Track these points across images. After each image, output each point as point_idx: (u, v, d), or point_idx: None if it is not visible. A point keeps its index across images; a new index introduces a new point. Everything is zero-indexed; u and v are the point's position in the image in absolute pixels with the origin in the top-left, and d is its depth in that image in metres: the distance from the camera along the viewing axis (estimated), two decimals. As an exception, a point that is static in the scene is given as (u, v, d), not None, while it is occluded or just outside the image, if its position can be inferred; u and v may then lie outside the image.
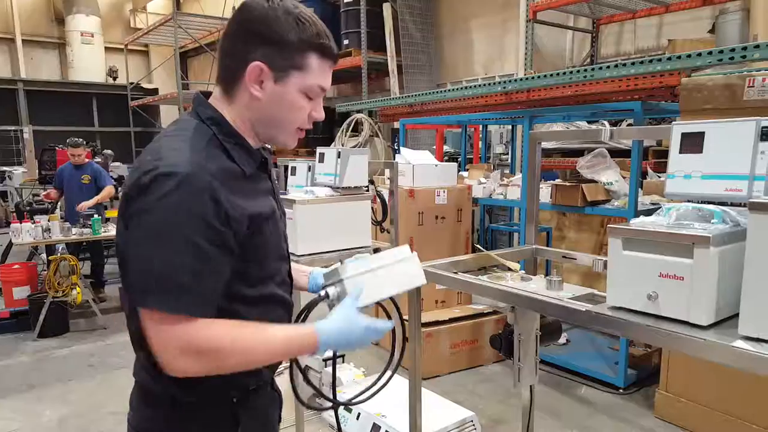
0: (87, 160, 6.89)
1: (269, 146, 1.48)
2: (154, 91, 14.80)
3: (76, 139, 6.85)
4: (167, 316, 1.15)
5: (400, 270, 1.49)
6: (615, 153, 5.31)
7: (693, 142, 1.71)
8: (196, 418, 1.32)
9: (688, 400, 3.74)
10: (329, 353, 3.39)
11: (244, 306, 1.32)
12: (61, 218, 6.22)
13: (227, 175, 1.24)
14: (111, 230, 6.18)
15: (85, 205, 6.43)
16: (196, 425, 1.33)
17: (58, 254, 6.05)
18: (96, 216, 6.11)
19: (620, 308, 1.62)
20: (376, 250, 1.48)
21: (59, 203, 7.03)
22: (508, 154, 8.17)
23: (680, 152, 1.75)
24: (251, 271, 1.32)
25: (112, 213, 7.22)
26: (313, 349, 1.28)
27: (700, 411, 3.67)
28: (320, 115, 1.38)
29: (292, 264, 1.58)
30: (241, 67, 1.27)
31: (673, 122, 1.83)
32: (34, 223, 5.88)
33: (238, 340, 1.21)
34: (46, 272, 6.09)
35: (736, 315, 1.40)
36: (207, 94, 1.38)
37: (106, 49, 15.12)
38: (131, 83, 14.23)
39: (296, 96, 1.31)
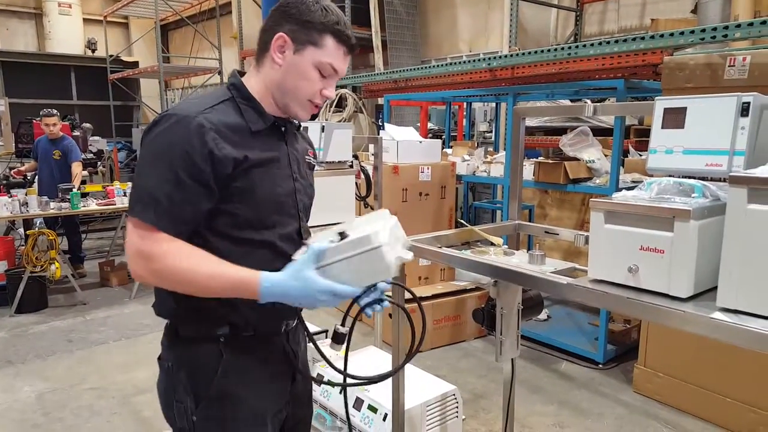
0: (61, 133, 6.70)
1: (296, 121, 1.66)
2: (134, 64, 14.52)
3: (49, 109, 6.66)
4: (138, 222, 1.39)
5: (366, 264, 1.39)
6: (597, 131, 5.34)
7: (675, 118, 1.72)
8: (191, 350, 1.53)
9: (665, 375, 3.81)
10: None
11: (231, 245, 1.48)
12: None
13: (228, 127, 1.45)
14: (90, 205, 6.10)
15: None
16: (189, 354, 1.54)
17: (36, 229, 5.96)
18: (74, 190, 6.01)
19: (601, 281, 1.63)
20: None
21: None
22: (491, 131, 8.19)
23: (662, 127, 1.76)
24: (240, 212, 1.48)
25: (92, 188, 7.13)
26: (253, 294, 1.39)
27: (678, 385, 3.75)
28: (331, 93, 1.56)
29: None
30: (270, 38, 1.50)
31: (656, 98, 1.83)
32: (11, 197, 5.75)
33: (185, 262, 1.38)
34: (23, 247, 6.02)
35: (715, 288, 1.42)
36: (242, 74, 1.60)
37: (85, 20, 14.81)
38: (110, 56, 13.94)
39: (309, 68, 1.50)
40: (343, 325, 1.56)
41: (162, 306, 1.55)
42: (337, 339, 1.58)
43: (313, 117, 2.11)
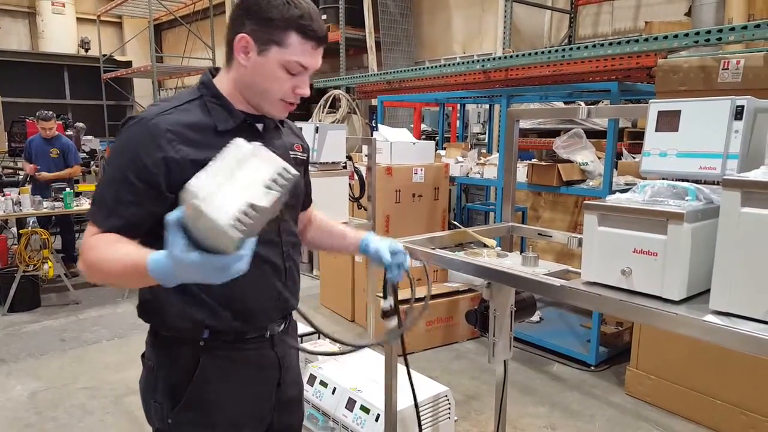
0: (57, 133, 6.76)
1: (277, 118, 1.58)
2: (128, 64, 14.48)
3: (46, 112, 6.71)
4: (90, 222, 1.38)
5: (202, 226, 1.05)
6: (591, 134, 5.35)
7: (669, 121, 1.73)
8: (170, 351, 1.52)
9: (657, 377, 3.82)
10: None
11: None
12: (30, 192, 6.10)
13: (190, 127, 1.41)
14: (83, 204, 6.07)
15: (43, 176, 6.41)
16: (168, 356, 1.52)
17: (29, 228, 5.94)
18: (68, 190, 5.99)
19: (594, 283, 1.64)
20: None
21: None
22: (485, 133, 8.20)
23: (656, 130, 1.77)
24: None
25: (85, 187, 7.10)
26: (148, 280, 1.18)
27: (669, 388, 3.76)
28: (304, 91, 1.48)
29: (339, 225, 1.88)
30: (232, 39, 1.43)
31: (651, 101, 1.84)
32: (3, 195, 5.74)
33: (103, 251, 1.32)
34: (16, 246, 5.99)
35: (708, 291, 1.42)
36: (219, 70, 1.54)
37: (78, 19, 14.76)
38: (104, 55, 13.91)
39: (275, 69, 1.42)
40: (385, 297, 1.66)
41: (142, 307, 1.53)
42: (386, 314, 1.67)
43: (299, 117, 2.10)
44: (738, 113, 1.59)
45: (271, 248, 1.52)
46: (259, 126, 1.54)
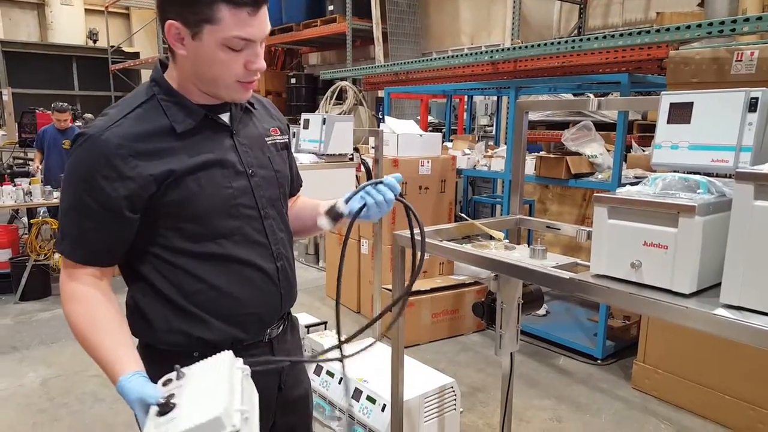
0: (70, 124, 6.90)
1: (245, 102, 1.45)
2: (135, 55, 14.53)
3: (62, 104, 6.87)
4: (60, 255, 1.33)
5: None
6: (600, 126, 5.32)
7: (681, 113, 1.71)
8: (164, 365, 1.32)
9: (664, 371, 3.81)
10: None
11: (189, 260, 1.37)
12: (42, 182, 6.15)
13: (144, 137, 1.28)
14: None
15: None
16: (161, 371, 1.35)
17: (40, 217, 5.99)
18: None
19: (603, 276, 1.62)
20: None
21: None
22: (492, 125, 8.16)
23: (668, 122, 1.74)
24: (185, 226, 1.35)
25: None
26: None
27: (677, 382, 3.74)
28: (258, 64, 1.31)
29: (313, 202, 1.67)
30: (164, 28, 1.27)
31: (662, 93, 1.82)
32: (15, 185, 5.80)
33: (80, 318, 1.29)
34: (27, 235, 6.04)
35: (718, 284, 1.40)
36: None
37: (86, 11, 14.79)
38: (112, 46, 13.95)
39: (215, 50, 1.26)
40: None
41: (134, 327, 1.42)
42: (332, 214, 1.47)
43: (306, 109, 2.04)
44: (752, 105, 1.56)
45: (258, 250, 1.44)
46: (225, 117, 1.42)
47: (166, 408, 1.07)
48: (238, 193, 1.40)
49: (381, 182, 1.48)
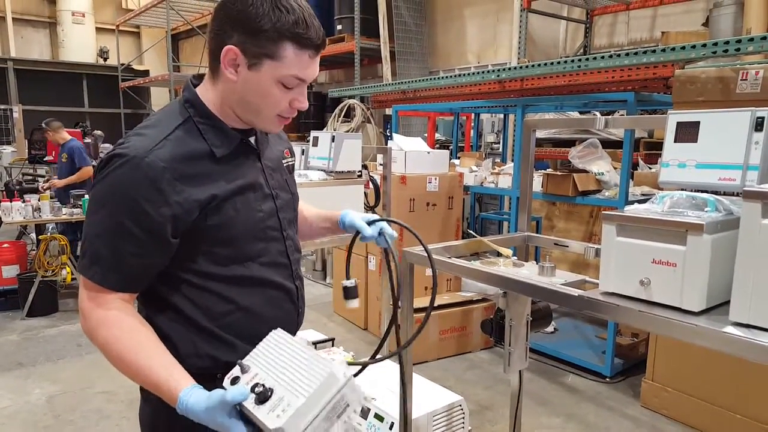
0: (68, 137, 6.88)
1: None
2: (145, 73, 14.70)
3: (50, 119, 6.94)
4: (84, 279, 1.25)
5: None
6: (606, 144, 5.33)
7: (688, 132, 1.73)
8: None
9: (673, 390, 3.78)
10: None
11: (218, 284, 1.34)
12: (51, 197, 6.22)
13: (187, 160, 1.26)
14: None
15: (54, 183, 6.60)
16: None
17: (48, 234, 6.03)
18: (86, 196, 6.08)
19: (612, 294, 1.63)
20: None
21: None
22: (499, 143, 8.19)
23: (675, 141, 1.76)
24: (217, 250, 1.33)
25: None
26: (174, 405, 1.18)
27: (686, 400, 3.72)
28: (302, 104, 1.35)
29: (316, 212, 1.75)
30: (218, 49, 1.26)
31: (669, 111, 1.84)
32: (24, 202, 5.86)
33: (116, 344, 1.22)
34: (35, 252, 6.07)
35: (727, 302, 1.41)
36: (201, 77, 1.39)
37: (97, 29, 15.01)
38: (122, 64, 14.11)
39: (270, 85, 1.27)
40: (348, 279, 1.57)
41: None
42: (348, 294, 1.57)
43: (314, 126, 2.08)
44: (759, 125, 1.58)
45: (281, 271, 1.45)
46: (252, 140, 1.43)
47: (263, 396, 1.09)
48: (266, 216, 1.41)
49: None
